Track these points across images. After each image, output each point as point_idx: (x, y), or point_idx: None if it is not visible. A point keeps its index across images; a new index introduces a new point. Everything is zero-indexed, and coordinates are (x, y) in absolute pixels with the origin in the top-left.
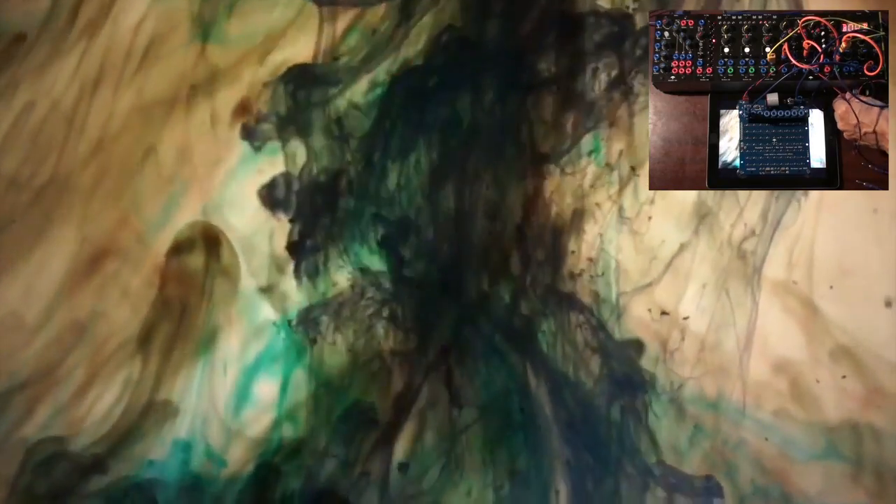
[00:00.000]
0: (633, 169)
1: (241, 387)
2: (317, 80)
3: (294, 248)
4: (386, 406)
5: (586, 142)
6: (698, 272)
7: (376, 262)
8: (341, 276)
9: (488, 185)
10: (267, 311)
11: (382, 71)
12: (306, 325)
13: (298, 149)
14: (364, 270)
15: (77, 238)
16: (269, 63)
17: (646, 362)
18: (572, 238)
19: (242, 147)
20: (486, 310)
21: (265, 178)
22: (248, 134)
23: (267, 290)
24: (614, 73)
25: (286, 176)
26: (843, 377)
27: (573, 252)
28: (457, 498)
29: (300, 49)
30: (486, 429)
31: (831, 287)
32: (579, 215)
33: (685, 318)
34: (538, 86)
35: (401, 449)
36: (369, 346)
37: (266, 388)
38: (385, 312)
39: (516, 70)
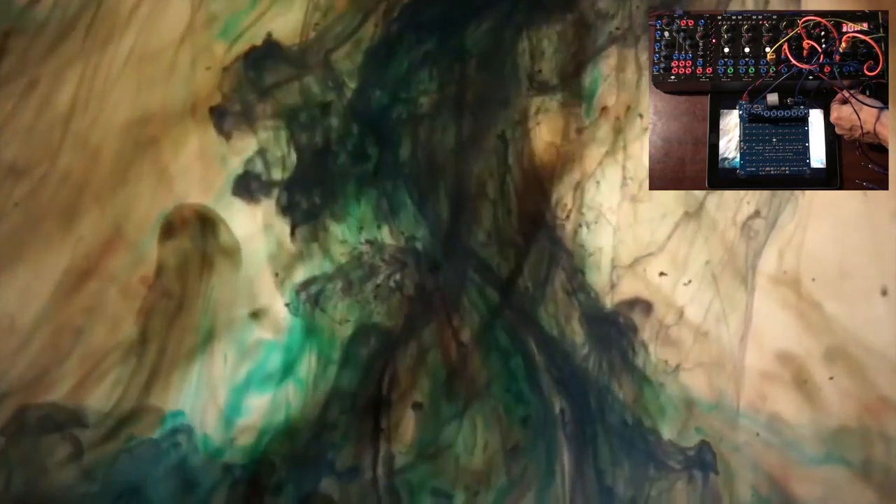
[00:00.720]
0: (641, 117)
1: (240, 373)
2: (297, 52)
3: (287, 214)
4: (392, 375)
5: (589, 79)
6: (698, 251)
7: (375, 228)
8: (342, 247)
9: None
10: (267, 292)
11: (372, 23)
12: (307, 300)
13: (281, 127)
14: (370, 241)
15: (72, 239)
16: (256, 42)
17: (642, 332)
18: (565, 183)
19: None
20: (478, 262)
21: (249, 163)
22: (223, 120)
23: (266, 273)
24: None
25: (263, 153)
26: (831, 378)
27: (565, 205)
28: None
29: (287, 26)
30: (492, 387)
31: (813, 279)
32: (577, 160)
33: (686, 284)
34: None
35: (408, 422)
36: (371, 313)
37: (266, 375)
38: (387, 273)
39: None
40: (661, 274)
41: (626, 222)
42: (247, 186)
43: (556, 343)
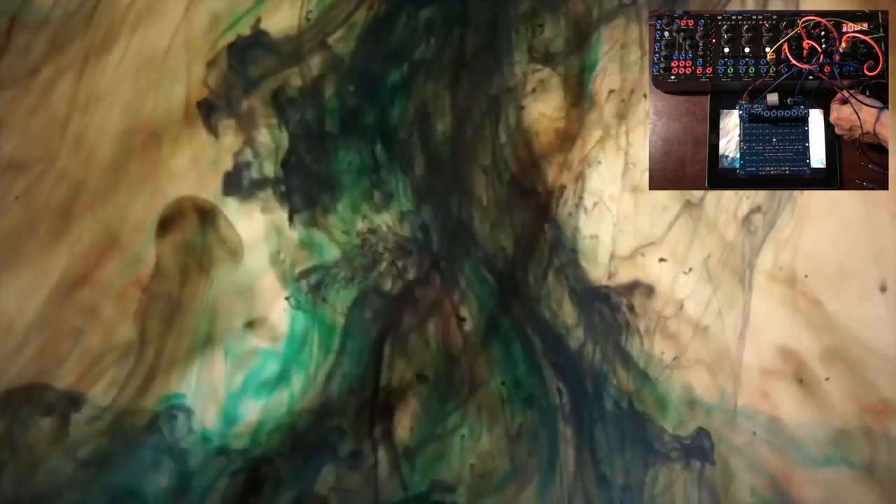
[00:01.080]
0: (644, 97)
1: (241, 365)
2: (289, 42)
3: (285, 203)
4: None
5: (591, 56)
6: (697, 248)
7: (374, 214)
8: (343, 236)
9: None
10: (267, 289)
11: (366, 7)
12: (308, 290)
13: (274, 122)
14: (372, 228)
15: (70, 239)
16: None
17: (641, 318)
18: (564, 165)
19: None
20: (479, 247)
21: (242, 155)
22: (214, 114)
23: (267, 265)
24: None
25: (258, 146)
26: (827, 379)
27: (562, 186)
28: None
29: (281, 17)
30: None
31: (806, 276)
32: (577, 138)
33: (686, 272)
34: None
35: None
36: (372, 303)
37: (266, 369)
38: (389, 260)
39: None
40: (661, 260)
41: (625, 211)
42: (240, 182)
43: (553, 328)
